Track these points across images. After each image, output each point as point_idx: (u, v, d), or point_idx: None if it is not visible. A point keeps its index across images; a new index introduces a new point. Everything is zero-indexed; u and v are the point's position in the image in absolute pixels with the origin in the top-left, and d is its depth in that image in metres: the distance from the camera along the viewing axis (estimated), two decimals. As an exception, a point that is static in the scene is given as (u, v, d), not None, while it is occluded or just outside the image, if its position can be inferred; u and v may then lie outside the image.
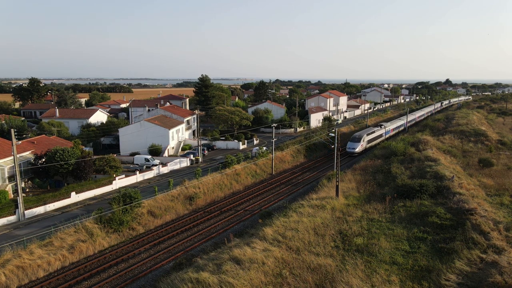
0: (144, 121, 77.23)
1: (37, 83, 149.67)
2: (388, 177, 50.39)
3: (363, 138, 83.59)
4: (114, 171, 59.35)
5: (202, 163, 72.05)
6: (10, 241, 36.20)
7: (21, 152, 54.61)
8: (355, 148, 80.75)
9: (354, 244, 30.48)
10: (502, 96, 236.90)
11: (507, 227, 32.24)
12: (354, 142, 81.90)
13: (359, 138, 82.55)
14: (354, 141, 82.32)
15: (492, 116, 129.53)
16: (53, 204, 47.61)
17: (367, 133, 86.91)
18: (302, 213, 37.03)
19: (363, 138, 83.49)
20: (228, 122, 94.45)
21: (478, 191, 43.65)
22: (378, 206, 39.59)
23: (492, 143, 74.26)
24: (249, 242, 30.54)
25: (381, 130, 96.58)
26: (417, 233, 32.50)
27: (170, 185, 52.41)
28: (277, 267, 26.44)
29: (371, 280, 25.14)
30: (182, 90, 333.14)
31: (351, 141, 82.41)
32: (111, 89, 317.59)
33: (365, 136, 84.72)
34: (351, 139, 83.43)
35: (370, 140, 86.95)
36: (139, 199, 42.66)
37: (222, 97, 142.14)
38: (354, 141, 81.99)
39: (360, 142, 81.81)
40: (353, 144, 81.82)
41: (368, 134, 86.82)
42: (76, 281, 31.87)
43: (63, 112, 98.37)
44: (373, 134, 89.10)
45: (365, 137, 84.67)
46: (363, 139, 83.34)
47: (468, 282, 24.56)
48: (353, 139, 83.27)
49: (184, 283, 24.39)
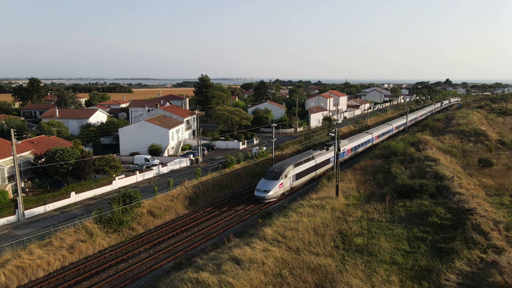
0: (144, 121, 77.22)
1: (37, 83, 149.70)
2: (388, 177, 50.35)
3: (286, 172, 51.90)
4: (114, 171, 59.33)
5: (202, 163, 72.03)
6: (10, 241, 36.21)
7: (21, 152, 54.59)
8: (267, 191, 49.36)
9: (354, 244, 30.46)
10: (502, 96, 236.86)
11: (507, 227, 32.20)
12: (268, 180, 51.11)
13: (278, 173, 51.61)
14: (270, 177, 51.46)
15: (492, 116, 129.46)
16: (53, 204, 47.59)
17: (296, 162, 55.07)
18: (302, 213, 37.00)
19: (286, 173, 51.91)
20: (228, 122, 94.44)
21: (478, 191, 43.61)
22: (378, 206, 39.56)
23: (492, 143, 74.23)
24: (249, 242, 30.51)
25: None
26: (417, 233, 32.47)
27: (170, 185, 52.39)
28: (277, 267, 26.42)
29: (371, 280, 25.11)
30: (182, 90, 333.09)
31: (265, 177, 51.92)
32: (111, 89, 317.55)
33: (290, 168, 53.11)
34: (266, 174, 52.80)
35: (303, 174, 56.21)
36: (139, 199, 42.64)
37: (222, 97, 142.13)
38: (269, 178, 51.36)
39: (278, 179, 50.75)
40: (266, 183, 50.76)
41: (298, 165, 55.05)
42: (76, 281, 31.84)
43: (63, 112, 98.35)
44: (308, 163, 57.52)
45: (290, 170, 52.89)
46: (286, 173, 51.92)
47: (468, 282, 24.53)
48: (269, 174, 52.14)
49: (184, 283, 24.36)
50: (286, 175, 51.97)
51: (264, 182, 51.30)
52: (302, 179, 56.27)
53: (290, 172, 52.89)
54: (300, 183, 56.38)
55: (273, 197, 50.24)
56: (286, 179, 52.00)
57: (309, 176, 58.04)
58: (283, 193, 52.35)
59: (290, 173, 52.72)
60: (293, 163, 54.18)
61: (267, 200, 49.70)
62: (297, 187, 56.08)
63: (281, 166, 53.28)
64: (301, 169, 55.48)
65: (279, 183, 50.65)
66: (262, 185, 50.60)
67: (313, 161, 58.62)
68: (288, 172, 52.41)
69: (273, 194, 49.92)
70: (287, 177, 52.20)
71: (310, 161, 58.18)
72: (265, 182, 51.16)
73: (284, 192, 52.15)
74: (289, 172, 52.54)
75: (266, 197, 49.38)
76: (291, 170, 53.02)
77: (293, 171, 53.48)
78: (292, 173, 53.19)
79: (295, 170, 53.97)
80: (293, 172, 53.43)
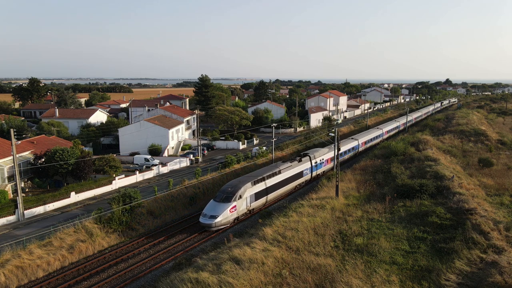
0: (144, 121, 77.22)
1: (37, 83, 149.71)
2: (388, 177, 50.34)
3: (241, 192, 42.59)
4: (114, 171, 59.32)
5: (202, 163, 72.03)
6: (10, 241, 36.19)
7: (21, 152, 54.58)
8: (214, 216, 40.18)
9: (354, 244, 30.45)
10: (502, 96, 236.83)
11: (507, 227, 32.18)
12: (217, 203, 41.60)
13: (231, 193, 42.08)
14: (220, 198, 41.94)
15: (492, 116, 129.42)
16: (53, 204, 47.58)
17: (256, 178, 45.68)
18: (302, 213, 37.00)
19: (241, 193, 42.58)
20: (228, 122, 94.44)
21: (478, 191, 43.58)
22: (378, 206, 39.55)
23: (492, 143, 74.21)
24: (249, 242, 30.51)
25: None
26: (417, 233, 32.45)
27: (170, 185, 52.38)
28: (277, 267, 26.41)
29: (371, 280, 25.09)
30: (182, 90, 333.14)
31: (215, 199, 42.44)
32: (111, 89, 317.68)
33: (247, 186, 43.65)
34: (217, 194, 43.36)
35: (265, 192, 46.65)
36: (138, 199, 42.62)
37: (222, 97, 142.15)
38: (219, 199, 41.85)
39: (229, 201, 41.40)
40: (214, 206, 41.32)
41: (259, 181, 45.75)
42: (76, 281, 31.80)
43: (62, 112, 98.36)
44: (271, 179, 47.92)
45: (247, 189, 43.49)
46: (241, 194, 42.56)
47: (468, 282, 24.51)
48: (219, 195, 42.55)
49: (184, 283, 24.35)
50: (241, 196, 42.69)
51: (212, 205, 41.85)
52: (264, 198, 46.69)
53: (247, 191, 43.65)
54: (261, 204, 46.86)
55: (222, 223, 40.81)
56: (241, 201, 42.79)
57: (274, 195, 48.71)
58: (237, 218, 43.06)
59: (247, 192, 43.51)
60: (252, 180, 44.93)
61: (215, 227, 40.42)
62: (258, 209, 46.63)
63: (235, 184, 43.85)
64: (262, 187, 46.06)
65: (230, 206, 41.17)
66: (209, 209, 41.29)
67: (279, 176, 49.24)
68: (244, 192, 43.17)
69: (221, 220, 40.45)
70: (243, 198, 42.97)
71: (275, 177, 48.69)
72: (214, 205, 41.69)
73: (238, 216, 42.91)
74: (245, 191, 43.28)
75: (212, 224, 40.06)
76: (248, 189, 43.77)
77: (251, 190, 44.16)
78: (249, 193, 43.92)
79: (254, 188, 44.67)
80: (251, 191, 44.16)
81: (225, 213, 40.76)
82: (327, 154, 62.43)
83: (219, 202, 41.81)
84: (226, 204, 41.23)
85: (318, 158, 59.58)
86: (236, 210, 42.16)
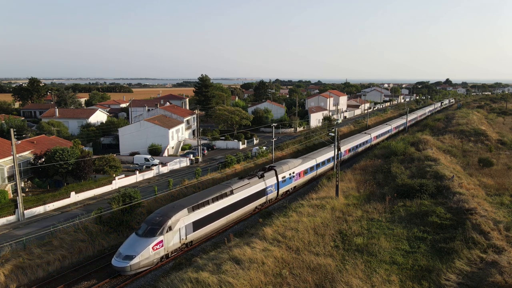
0: (144, 121, 77.22)
1: (37, 83, 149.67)
2: (388, 177, 50.33)
3: (172, 221, 33.72)
4: (114, 171, 59.31)
5: (202, 162, 72.03)
6: (10, 241, 36.21)
7: (21, 152, 54.57)
8: (130, 257, 31.16)
9: (354, 244, 30.45)
10: (502, 96, 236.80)
11: (507, 227, 32.20)
12: (138, 238, 32.76)
13: (157, 224, 33.23)
14: (142, 232, 33.10)
15: (492, 116, 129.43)
16: (53, 204, 47.58)
17: (196, 202, 36.87)
18: (302, 212, 36.99)
19: (172, 223, 33.66)
20: (228, 121, 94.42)
21: (478, 190, 43.59)
22: (378, 205, 39.55)
23: (492, 143, 74.21)
24: (249, 241, 30.51)
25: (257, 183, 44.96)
26: (417, 233, 32.46)
27: (170, 185, 52.39)
28: (277, 267, 26.41)
29: (371, 280, 25.10)
30: (182, 90, 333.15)
31: (137, 232, 33.43)
32: (111, 89, 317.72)
33: (183, 214, 34.94)
34: (140, 226, 34.31)
35: (210, 219, 37.86)
36: (138, 199, 42.61)
37: (222, 97, 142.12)
38: (141, 233, 33.00)
39: (154, 235, 32.47)
40: (134, 242, 32.46)
41: (200, 206, 36.92)
42: (76, 281, 31.77)
43: (62, 112, 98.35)
44: (218, 202, 38.87)
45: (182, 217, 34.76)
46: (172, 224, 33.64)
47: (468, 282, 24.51)
48: (143, 226, 33.61)
49: (184, 283, 24.35)
50: (172, 227, 33.38)
51: (132, 240, 32.62)
52: (208, 227, 37.53)
53: (181, 220, 34.43)
54: (204, 234, 37.62)
55: (141, 266, 31.38)
56: (172, 233, 33.44)
57: (223, 221, 39.51)
58: (166, 255, 33.85)
59: (180, 222, 34.24)
60: (190, 205, 35.77)
61: (130, 271, 31.03)
62: (200, 240, 37.79)
63: (166, 211, 34.43)
64: (204, 213, 36.85)
65: (154, 242, 31.93)
66: (127, 246, 31.97)
67: (230, 198, 40.28)
68: (177, 222, 33.93)
69: (140, 261, 31.03)
70: (174, 230, 33.60)
71: (225, 198, 39.59)
72: (134, 240, 32.47)
73: (167, 253, 33.67)
74: (178, 221, 34.03)
75: (127, 267, 30.57)
76: (182, 218, 34.54)
77: (187, 219, 34.99)
78: (185, 222, 34.73)
79: (192, 216, 35.48)
80: (187, 219, 34.99)
81: (145, 252, 31.33)
82: (299, 166, 53.66)
83: (141, 236, 32.53)
84: (148, 240, 32.01)
85: (287, 171, 50.39)
86: (164, 247, 32.87)
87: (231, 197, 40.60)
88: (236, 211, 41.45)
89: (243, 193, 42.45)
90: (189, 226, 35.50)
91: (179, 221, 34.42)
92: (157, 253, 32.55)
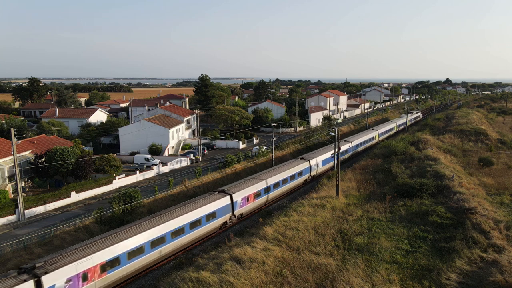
0: (144, 120, 77.19)
1: (37, 83, 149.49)
2: (388, 176, 50.36)
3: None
4: (114, 170, 59.29)
5: (202, 162, 72.03)
6: (10, 240, 36.18)
7: (21, 152, 54.56)
8: None
9: (355, 243, 30.47)
10: (502, 95, 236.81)
11: (508, 226, 32.22)
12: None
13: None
14: None
15: (492, 115, 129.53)
16: (53, 204, 47.57)
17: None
18: (302, 212, 37.00)
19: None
20: (228, 121, 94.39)
21: (478, 190, 43.63)
22: (378, 205, 39.56)
23: (492, 142, 74.27)
24: (250, 241, 30.51)
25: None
26: (417, 232, 32.48)
27: (170, 185, 52.38)
28: (278, 267, 26.42)
29: (372, 279, 25.11)
30: (182, 89, 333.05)
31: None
32: (111, 89, 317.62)
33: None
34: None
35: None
36: (139, 198, 42.63)
37: (222, 97, 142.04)
38: None
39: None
40: None
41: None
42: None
43: (63, 111, 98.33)
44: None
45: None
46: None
47: (468, 281, 24.53)
48: None
49: (185, 282, 24.36)
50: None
51: None
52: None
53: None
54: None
55: None
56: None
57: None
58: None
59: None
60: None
61: None
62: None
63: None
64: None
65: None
66: None
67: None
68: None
69: None
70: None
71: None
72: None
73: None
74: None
75: None
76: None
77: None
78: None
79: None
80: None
81: None
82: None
83: None
84: None
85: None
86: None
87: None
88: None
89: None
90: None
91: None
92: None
